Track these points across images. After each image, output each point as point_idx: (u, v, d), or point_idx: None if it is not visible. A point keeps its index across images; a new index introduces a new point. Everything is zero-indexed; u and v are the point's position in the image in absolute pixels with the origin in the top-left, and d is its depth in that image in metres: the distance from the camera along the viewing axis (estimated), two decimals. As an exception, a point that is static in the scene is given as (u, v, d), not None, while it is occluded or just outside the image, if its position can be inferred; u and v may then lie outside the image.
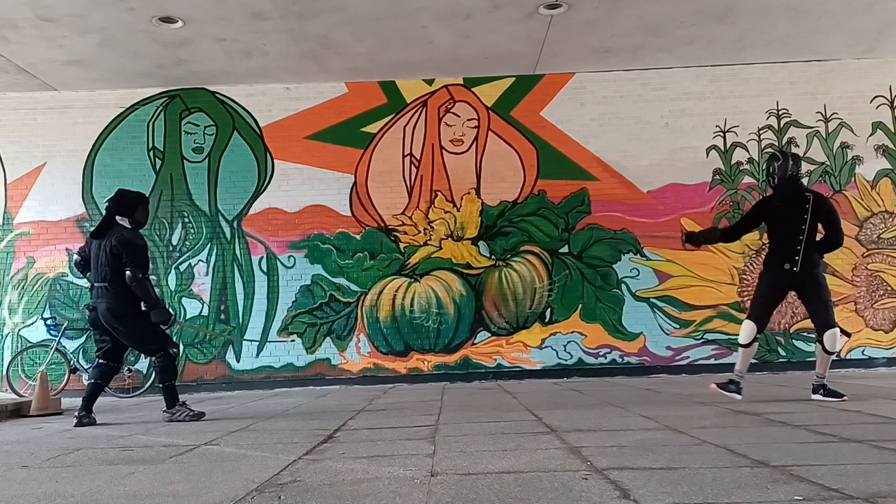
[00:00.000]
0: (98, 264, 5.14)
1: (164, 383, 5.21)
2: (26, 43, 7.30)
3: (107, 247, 5.08)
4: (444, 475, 2.68)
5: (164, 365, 5.20)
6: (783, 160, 5.11)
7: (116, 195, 5.38)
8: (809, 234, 5.00)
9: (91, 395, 5.18)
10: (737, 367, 5.19)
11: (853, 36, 8.01)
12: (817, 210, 5.04)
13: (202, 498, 2.47)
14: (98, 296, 5.15)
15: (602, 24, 7.42)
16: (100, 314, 5.13)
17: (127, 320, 5.14)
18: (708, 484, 2.35)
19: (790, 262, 5.00)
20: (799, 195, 5.10)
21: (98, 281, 5.15)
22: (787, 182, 5.11)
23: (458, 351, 8.39)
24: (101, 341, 5.32)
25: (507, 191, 8.62)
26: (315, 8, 6.81)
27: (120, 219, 5.23)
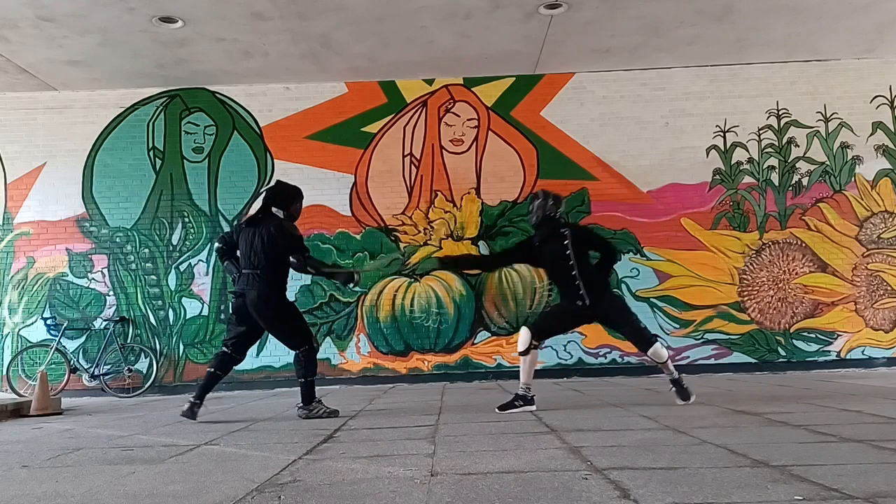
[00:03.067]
0: (251, 251, 4.97)
1: (307, 378, 5.05)
2: (26, 43, 7.30)
3: (264, 234, 4.93)
4: (444, 475, 2.68)
5: (309, 359, 5.07)
6: (542, 199, 5.01)
7: (276, 187, 5.28)
8: (581, 267, 4.87)
9: (207, 383, 5.01)
10: (521, 379, 4.95)
11: (853, 36, 8.01)
12: (576, 241, 4.93)
13: (202, 498, 2.47)
14: (247, 283, 4.95)
15: (602, 24, 7.42)
16: (248, 301, 4.93)
17: (276, 309, 5.00)
18: (708, 484, 2.35)
19: (579, 299, 4.87)
20: (556, 233, 4.96)
21: (249, 268, 4.97)
22: (544, 221, 5.00)
23: (458, 351, 8.39)
24: (235, 330, 5.10)
25: (507, 191, 8.62)
26: (315, 8, 6.81)
27: (275, 210, 5.07)
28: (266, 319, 5.00)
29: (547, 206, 4.99)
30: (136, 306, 8.48)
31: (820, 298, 8.42)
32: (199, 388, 5.02)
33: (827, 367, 8.22)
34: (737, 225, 8.53)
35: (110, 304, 8.48)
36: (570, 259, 4.86)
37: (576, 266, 4.86)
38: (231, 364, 5.12)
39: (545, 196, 5.04)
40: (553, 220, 5.00)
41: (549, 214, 4.99)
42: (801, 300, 8.41)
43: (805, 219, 8.53)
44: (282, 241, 4.93)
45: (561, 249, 4.90)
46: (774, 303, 8.41)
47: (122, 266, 8.54)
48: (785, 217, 8.54)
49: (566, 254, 4.88)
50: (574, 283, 4.87)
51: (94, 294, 8.50)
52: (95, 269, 8.53)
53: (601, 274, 5.01)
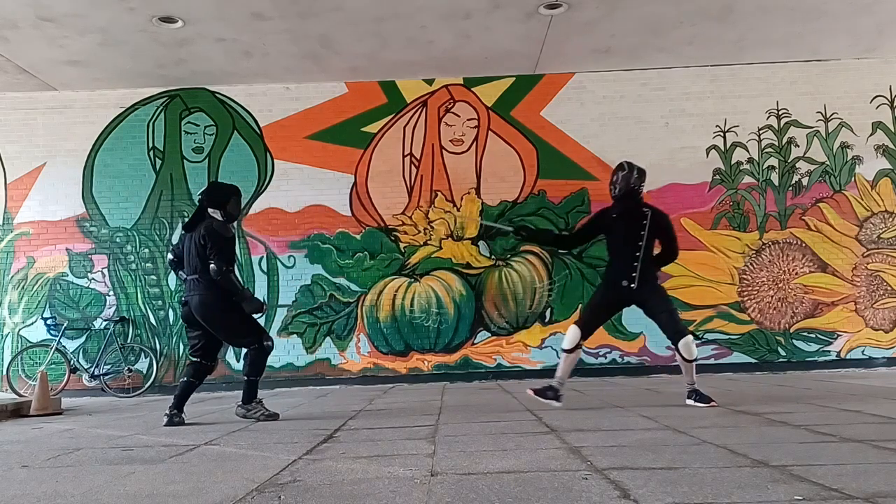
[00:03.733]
0: (189, 257, 4.98)
1: (250, 377, 5.01)
2: (26, 43, 7.30)
3: (196, 238, 4.94)
4: (444, 475, 2.68)
5: (256, 358, 5.01)
6: (628, 171, 4.94)
7: (209, 187, 5.25)
8: (647, 251, 4.86)
9: (183, 393, 4.96)
10: (558, 373, 5.01)
11: (853, 36, 8.01)
12: (655, 226, 4.89)
13: (202, 498, 2.47)
14: (190, 289, 4.96)
15: (602, 24, 7.42)
16: (192, 308, 4.92)
17: (219, 312, 4.94)
18: (708, 484, 2.35)
19: (627, 279, 4.85)
20: (637, 210, 4.93)
21: (189, 274, 4.98)
22: (627, 194, 4.94)
23: (458, 351, 8.39)
24: (193, 338, 5.08)
25: (507, 191, 8.62)
26: (315, 8, 6.81)
27: (212, 211, 5.05)
28: (210, 323, 4.96)
29: (632, 179, 4.92)
30: (136, 306, 8.48)
31: (820, 298, 8.42)
32: (177, 397, 4.96)
33: (827, 367, 8.22)
34: (737, 225, 8.53)
35: (110, 304, 8.48)
36: (641, 238, 4.83)
37: (643, 247, 4.84)
38: (205, 372, 5.08)
39: (630, 168, 4.95)
40: (636, 194, 4.96)
41: (632, 188, 4.93)
42: (801, 300, 8.42)
43: (805, 219, 8.53)
44: (208, 242, 4.87)
45: (637, 228, 4.86)
46: (774, 303, 8.41)
47: (122, 266, 8.54)
48: (785, 217, 8.54)
49: (640, 234, 4.84)
50: (633, 263, 4.83)
51: (94, 294, 8.50)
52: (95, 269, 8.53)
53: (657, 264, 5.02)
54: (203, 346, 5.04)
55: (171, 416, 4.86)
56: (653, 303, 4.91)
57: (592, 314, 5.11)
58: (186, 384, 4.99)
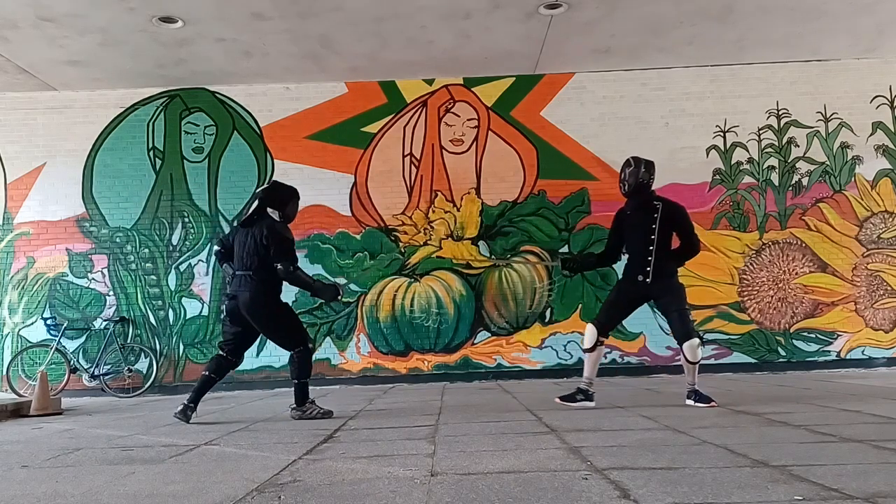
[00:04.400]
0: (244, 252, 4.91)
1: (301, 379, 4.99)
2: (26, 43, 7.30)
3: (257, 235, 4.87)
4: (444, 475, 2.68)
5: (303, 360, 5.00)
6: (635, 166, 4.91)
7: (271, 186, 5.19)
8: (660, 244, 4.81)
9: (202, 386, 4.93)
10: (584, 373, 4.98)
11: (853, 36, 8.01)
12: (667, 218, 4.85)
13: (202, 498, 2.47)
14: (240, 284, 4.90)
15: (602, 24, 7.42)
16: (240, 304, 4.87)
17: (269, 310, 4.94)
18: (708, 484, 2.35)
19: (642, 274, 4.84)
20: (648, 204, 4.91)
21: (242, 269, 4.92)
22: (637, 189, 4.92)
23: (458, 351, 8.39)
24: (229, 333, 5.04)
25: (507, 191, 8.62)
26: (315, 8, 6.81)
27: (271, 211, 4.98)
28: (259, 321, 4.95)
29: (640, 174, 4.89)
30: (136, 306, 8.48)
31: (820, 298, 8.42)
32: (195, 391, 4.94)
33: (827, 367, 8.22)
34: (737, 225, 8.53)
35: (110, 304, 8.48)
36: (653, 232, 4.81)
37: (655, 241, 4.80)
38: (227, 368, 5.05)
39: (637, 163, 4.93)
40: (646, 188, 4.94)
41: (641, 182, 4.90)
42: (801, 300, 8.42)
43: (805, 219, 8.53)
44: (272, 243, 4.85)
45: (648, 221, 4.84)
46: (774, 303, 8.41)
47: (122, 266, 8.54)
48: (785, 217, 8.54)
49: (652, 227, 4.82)
50: (647, 257, 4.82)
51: (94, 294, 8.50)
52: (95, 269, 8.53)
53: (673, 260, 4.95)
54: (236, 343, 5.03)
55: (186, 407, 4.85)
56: (666, 300, 4.89)
57: (609, 310, 5.08)
58: (207, 379, 4.95)
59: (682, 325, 4.83)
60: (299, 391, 5.02)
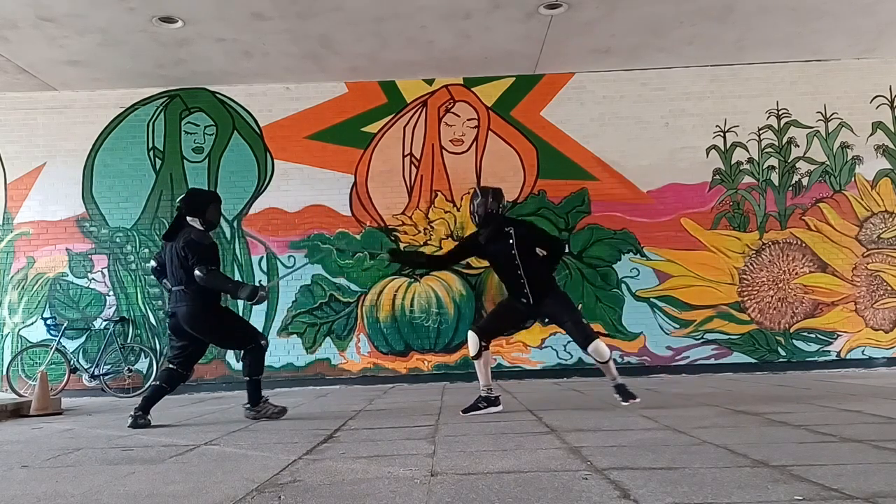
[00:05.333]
0: (172, 267, 4.89)
1: (252, 377, 4.96)
2: (26, 43, 7.30)
3: (178, 249, 4.84)
4: (444, 475, 2.68)
5: (255, 358, 4.97)
6: (482, 197, 4.88)
7: (188, 195, 5.10)
8: (526, 265, 4.82)
9: (152, 396, 4.88)
10: (480, 381, 4.97)
11: (853, 36, 8.01)
12: (521, 238, 4.84)
13: (202, 498, 2.47)
14: (176, 300, 4.89)
15: (602, 24, 7.42)
16: (181, 319, 4.86)
17: (210, 321, 4.92)
18: (708, 484, 2.35)
19: (524, 297, 4.87)
20: (500, 231, 4.88)
21: (174, 285, 4.91)
22: (487, 220, 4.89)
23: (458, 351, 8.39)
24: (177, 348, 5.01)
25: (507, 191, 8.44)
26: (315, 8, 6.81)
27: (191, 219, 4.94)
28: (203, 333, 4.95)
29: (488, 204, 4.87)
30: (136, 306, 8.48)
31: (820, 298, 8.42)
32: (144, 399, 4.88)
33: (827, 367, 8.22)
34: (737, 225, 8.53)
35: (110, 304, 8.48)
36: (515, 258, 4.82)
37: (521, 265, 4.82)
38: (179, 380, 5.03)
39: (484, 193, 4.91)
40: (496, 217, 4.91)
41: (490, 212, 4.88)
42: (801, 300, 8.41)
43: (805, 219, 8.53)
44: (190, 254, 4.77)
45: (507, 248, 4.84)
46: (774, 303, 8.41)
47: (122, 266, 8.54)
48: (785, 217, 8.54)
49: (511, 253, 4.83)
50: (519, 281, 4.85)
51: (94, 294, 8.50)
52: (95, 269, 8.53)
53: (547, 270, 4.99)
54: (185, 356, 5.01)
55: (135, 417, 4.76)
56: (555, 314, 4.96)
57: (498, 320, 5.12)
58: (159, 389, 4.92)
59: (580, 331, 4.87)
60: (252, 389, 5.00)
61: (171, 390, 5.01)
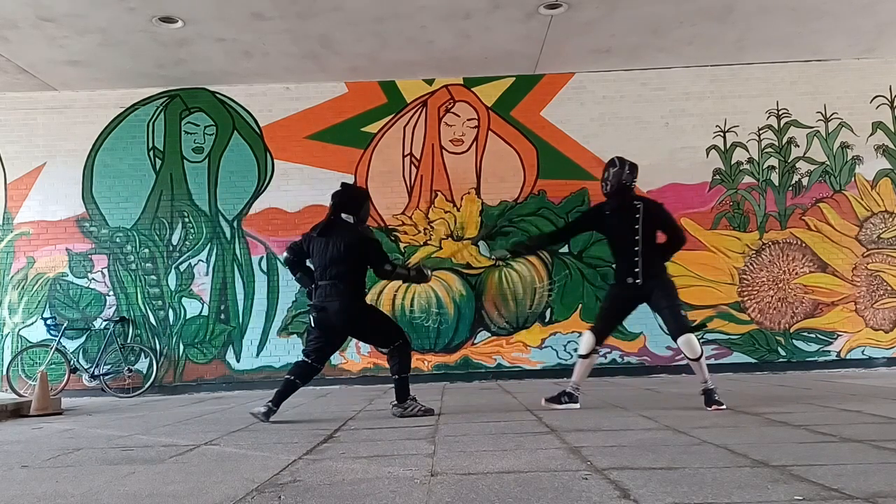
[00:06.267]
0: (326, 261, 4.79)
1: (402, 374, 4.88)
2: (26, 43, 7.30)
3: (339, 244, 4.76)
4: (444, 475, 2.68)
5: (405, 354, 4.93)
6: (619, 167, 4.83)
7: (343, 190, 5.04)
8: (645, 244, 4.77)
9: (285, 390, 4.83)
10: (573, 378, 4.97)
11: (853, 36, 8.01)
12: (649, 217, 4.79)
13: (202, 498, 2.47)
14: (326, 294, 4.78)
15: (602, 24, 7.42)
16: (331, 314, 4.77)
17: (363, 315, 4.91)
18: (708, 484, 2.35)
19: (631, 276, 4.80)
20: (629, 204, 4.83)
21: (326, 279, 4.80)
22: (619, 190, 4.84)
23: (458, 351, 8.39)
24: (314, 341, 4.92)
25: (507, 191, 8.62)
26: (315, 8, 6.81)
27: (345, 216, 4.88)
28: (354, 328, 4.94)
29: (623, 175, 4.82)
30: (136, 306, 8.48)
31: (820, 298, 8.42)
32: (278, 393, 4.83)
33: (827, 367, 8.22)
34: (737, 225, 8.53)
35: (110, 304, 8.48)
36: (636, 234, 4.76)
37: (640, 242, 4.76)
38: (312, 374, 4.96)
39: (622, 164, 4.84)
40: (628, 190, 4.87)
41: (624, 183, 4.83)
42: (801, 300, 8.41)
43: (805, 219, 8.53)
44: (362, 248, 4.79)
45: (631, 223, 4.79)
46: (774, 303, 8.41)
47: (122, 266, 8.54)
48: (785, 217, 8.54)
49: (635, 227, 4.77)
50: (633, 258, 4.78)
51: (94, 294, 8.50)
52: (95, 269, 8.53)
53: (661, 257, 4.91)
54: (322, 350, 4.93)
55: (269, 408, 4.75)
56: (656, 297, 4.83)
57: (605, 318, 5.04)
58: (292, 383, 4.85)
59: (675, 320, 4.78)
60: (401, 387, 4.89)
61: (304, 384, 4.97)
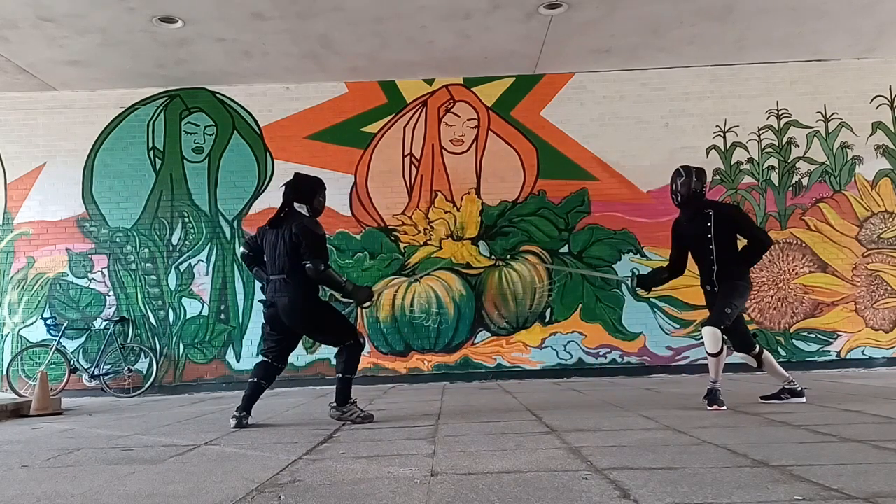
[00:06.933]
0: (275, 255, 4.62)
1: (346, 375, 4.72)
2: (26, 43, 7.30)
3: (286, 235, 4.57)
4: (444, 475, 2.68)
5: (352, 354, 4.75)
6: (686, 176, 4.82)
7: (295, 181, 4.85)
8: (720, 250, 4.74)
9: (253, 394, 4.69)
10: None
11: (853, 36, 8.01)
12: (720, 221, 4.76)
13: (202, 498, 2.47)
14: (276, 289, 4.61)
15: (602, 24, 7.42)
16: (280, 310, 4.60)
17: (312, 313, 4.68)
18: (708, 484, 2.35)
19: (710, 283, 4.81)
20: (701, 212, 4.83)
21: (275, 273, 4.63)
22: (689, 199, 4.83)
23: (458, 351, 8.39)
24: (271, 340, 4.79)
25: (507, 191, 8.62)
26: (315, 8, 6.81)
27: (298, 206, 4.70)
28: (302, 325, 4.72)
29: (692, 184, 4.79)
30: (136, 306, 8.48)
31: (820, 298, 8.41)
32: (245, 398, 4.69)
33: (827, 367, 8.22)
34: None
35: (110, 304, 8.48)
36: (710, 242, 4.74)
37: (714, 249, 4.73)
38: (275, 373, 4.83)
39: (688, 173, 4.82)
40: (698, 197, 4.84)
41: (694, 191, 4.81)
42: (801, 300, 8.41)
43: (805, 219, 8.53)
44: (302, 240, 4.53)
45: (704, 230, 4.78)
46: (774, 303, 8.41)
47: (122, 266, 8.54)
48: (785, 217, 8.54)
49: (708, 236, 4.75)
50: (710, 266, 4.77)
51: (94, 294, 8.50)
52: (95, 269, 8.53)
53: (742, 261, 4.82)
54: (280, 349, 4.79)
55: (239, 417, 4.61)
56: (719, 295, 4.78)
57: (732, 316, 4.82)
58: (256, 385, 4.70)
59: (715, 311, 4.73)
60: (342, 388, 4.75)
61: (269, 385, 4.79)
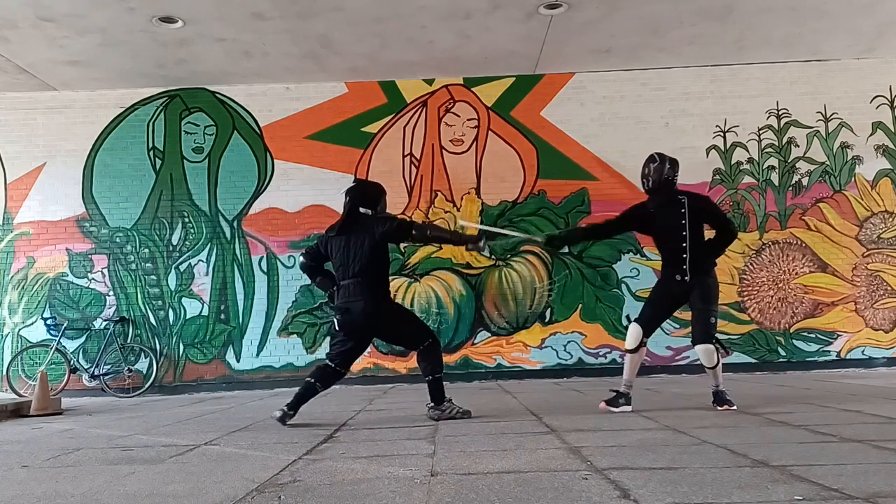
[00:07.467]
0: (348, 259, 4.54)
1: (435, 375, 4.58)
2: (26, 43, 7.30)
3: (359, 239, 4.52)
4: (444, 475, 2.68)
5: (436, 354, 4.62)
6: (659, 162, 4.69)
7: (363, 188, 4.86)
8: (693, 240, 4.61)
9: (305, 394, 4.59)
10: (624, 376, 4.75)
11: (853, 36, 8.01)
12: (695, 212, 4.65)
13: (202, 498, 2.47)
14: (350, 293, 4.51)
15: (602, 24, 7.42)
16: (355, 315, 4.49)
17: (391, 313, 4.65)
18: (708, 484, 2.35)
19: (679, 273, 4.62)
20: (673, 199, 4.70)
21: (348, 278, 4.54)
22: (661, 186, 4.70)
23: (458, 351, 8.39)
24: (338, 344, 4.66)
25: (507, 191, 8.62)
26: (315, 8, 6.81)
27: (363, 210, 4.64)
28: (381, 327, 4.64)
29: (664, 171, 4.69)
30: (136, 306, 8.48)
31: (820, 298, 8.42)
32: (296, 397, 4.59)
33: (827, 368, 8.22)
34: (737, 225, 8.50)
35: (110, 304, 8.48)
36: (683, 230, 4.63)
37: (688, 238, 4.63)
38: (335, 379, 4.68)
39: (662, 160, 4.70)
40: (670, 185, 4.74)
41: (666, 178, 4.70)
42: (801, 300, 8.41)
43: (805, 219, 8.53)
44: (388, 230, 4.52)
45: (677, 218, 4.66)
46: (774, 303, 8.41)
47: (122, 266, 8.54)
48: (785, 217, 8.54)
49: (682, 223, 4.63)
50: (681, 255, 4.63)
51: (94, 294, 8.50)
52: (95, 269, 8.53)
53: (711, 254, 4.77)
54: (347, 353, 4.67)
55: (284, 414, 4.51)
56: (695, 296, 4.67)
57: (653, 310, 4.85)
58: (311, 388, 4.59)
59: (702, 325, 4.62)
60: (435, 388, 4.61)
61: (324, 390, 4.67)
